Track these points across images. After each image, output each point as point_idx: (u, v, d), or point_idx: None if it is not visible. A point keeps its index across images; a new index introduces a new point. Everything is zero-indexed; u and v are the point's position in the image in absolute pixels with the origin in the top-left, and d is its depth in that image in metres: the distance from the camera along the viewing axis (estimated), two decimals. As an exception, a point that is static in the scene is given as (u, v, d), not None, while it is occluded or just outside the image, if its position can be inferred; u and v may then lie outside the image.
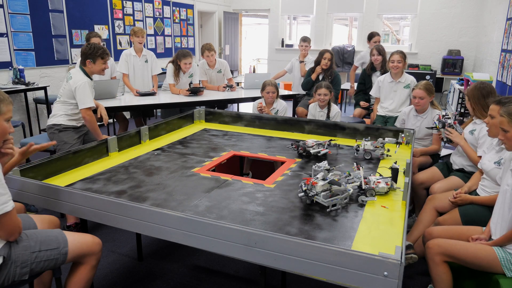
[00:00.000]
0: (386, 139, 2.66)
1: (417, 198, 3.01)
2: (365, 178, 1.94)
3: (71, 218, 2.97)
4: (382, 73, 4.48)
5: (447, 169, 2.92)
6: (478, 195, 2.37)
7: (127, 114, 4.92)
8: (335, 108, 3.75)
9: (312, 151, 2.43)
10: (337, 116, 3.73)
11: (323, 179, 1.78)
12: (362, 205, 1.80)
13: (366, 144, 2.48)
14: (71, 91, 3.06)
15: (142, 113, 4.80)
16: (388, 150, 2.52)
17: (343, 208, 1.75)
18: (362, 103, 4.73)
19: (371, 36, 5.38)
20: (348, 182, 1.94)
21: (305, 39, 5.41)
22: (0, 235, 1.52)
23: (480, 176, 2.45)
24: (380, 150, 2.44)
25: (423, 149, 3.20)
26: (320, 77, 4.84)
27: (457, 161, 2.83)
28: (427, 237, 2.16)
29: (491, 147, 2.43)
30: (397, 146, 2.66)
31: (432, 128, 3.06)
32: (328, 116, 3.71)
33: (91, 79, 3.19)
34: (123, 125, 4.62)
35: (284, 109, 3.81)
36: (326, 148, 2.48)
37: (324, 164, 1.89)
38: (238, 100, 5.09)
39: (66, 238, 1.70)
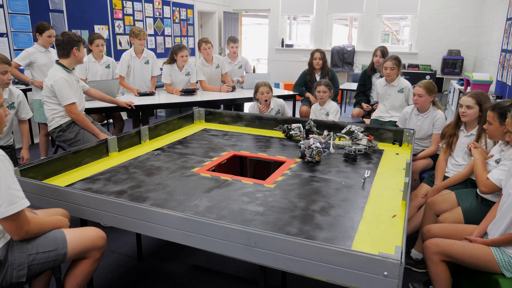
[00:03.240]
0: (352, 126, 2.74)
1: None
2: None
3: None
4: (382, 75, 4.48)
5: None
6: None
7: (124, 115, 4.89)
8: (332, 104, 3.79)
9: (292, 132, 2.81)
10: (335, 111, 3.74)
11: None
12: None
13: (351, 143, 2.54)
14: (47, 87, 3.04)
15: (141, 113, 4.77)
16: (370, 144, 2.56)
17: (343, 208, 1.75)
18: (365, 106, 4.70)
19: None
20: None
21: (233, 40, 5.24)
22: (11, 232, 1.51)
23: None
24: (358, 146, 2.51)
25: (423, 154, 3.20)
26: (318, 77, 4.84)
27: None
28: (426, 234, 2.16)
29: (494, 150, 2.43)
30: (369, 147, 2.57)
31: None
32: (328, 113, 3.77)
33: (71, 70, 3.11)
34: (119, 126, 4.60)
35: (283, 107, 3.83)
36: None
37: None
38: (239, 100, 5.08)
39: (66, 238, 1.66)
